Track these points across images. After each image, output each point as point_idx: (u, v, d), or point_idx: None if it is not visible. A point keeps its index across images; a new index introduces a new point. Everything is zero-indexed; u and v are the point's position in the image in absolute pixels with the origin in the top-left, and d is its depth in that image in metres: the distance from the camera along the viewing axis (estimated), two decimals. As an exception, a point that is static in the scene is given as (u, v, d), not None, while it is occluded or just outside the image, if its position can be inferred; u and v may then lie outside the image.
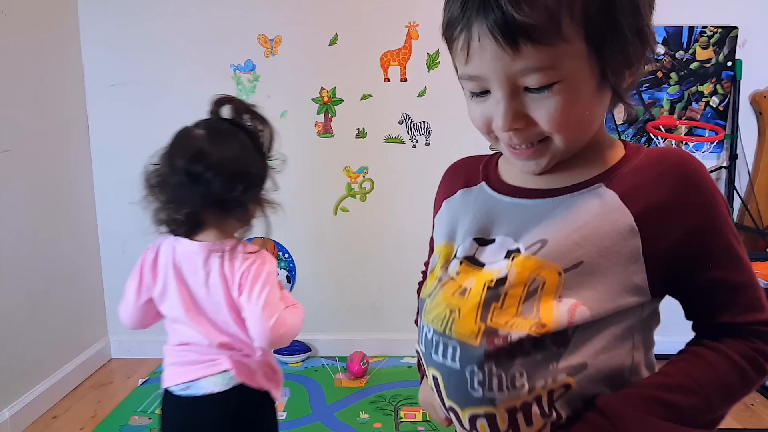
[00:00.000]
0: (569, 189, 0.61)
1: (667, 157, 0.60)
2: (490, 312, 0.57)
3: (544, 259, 0.57)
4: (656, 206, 0.57)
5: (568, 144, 0.59)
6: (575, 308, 0.56)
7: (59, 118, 2.29)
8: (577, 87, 0.56)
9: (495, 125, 0.59)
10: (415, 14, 2.36)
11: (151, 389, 2.24)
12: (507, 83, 0.56)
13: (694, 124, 2.37)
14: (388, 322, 2.59)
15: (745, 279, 0.58)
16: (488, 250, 0.62)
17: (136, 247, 2.66)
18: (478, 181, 0.70)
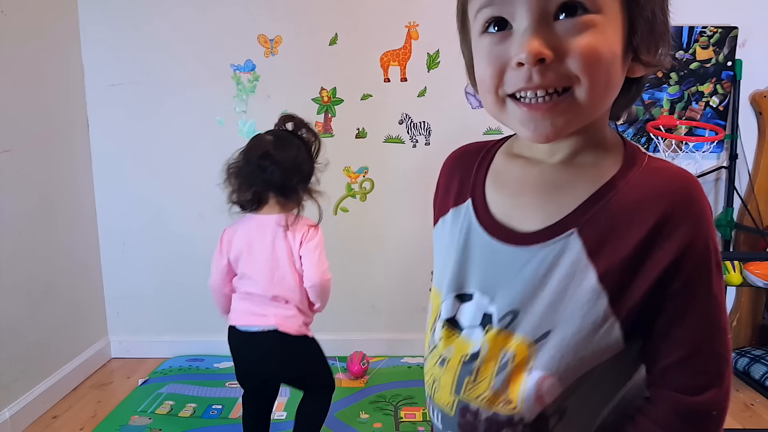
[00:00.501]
0: (543, 235, 0.56)
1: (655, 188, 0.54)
2: (464, 386, 0.58)
3: (515, 333, 0.56)
4: (622, 260, 0.53)
5: (590, 100, 0.52)
6: (542, 382, 0.54)
7: (59, 118, 2.29)
8: (609, 30, 0.51)
9: (517, 58, 0.50)
10: (415, 14, 2.36)
11: (151, 389, 2.24)
12: (538, 6, 0.50)
13: (694, 124, 2.37)
14: (388, 322, 2.59)
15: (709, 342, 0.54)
16: (466, 311, 0.61)
17: (136, 247, 2.69)
18: (466, 196, 0.64)
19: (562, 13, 0.50)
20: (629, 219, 0.53)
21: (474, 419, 0.57)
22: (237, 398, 2.18)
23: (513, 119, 0.55)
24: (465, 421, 0.57)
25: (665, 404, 0.54)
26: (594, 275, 0.53)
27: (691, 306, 0.52)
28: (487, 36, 0.54)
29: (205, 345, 2.59)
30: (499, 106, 0.56)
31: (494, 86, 0.54)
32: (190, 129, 2.46)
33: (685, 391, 0.53)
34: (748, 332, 2.52)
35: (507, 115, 0.56)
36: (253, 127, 2.45)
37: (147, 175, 2.50)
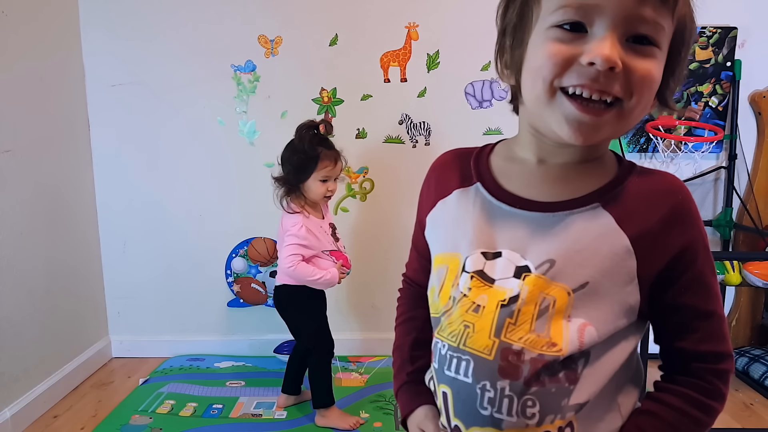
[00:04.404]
0: (567, 205, 0.61)
1: (659, 184, 0.62)
2: (504, 328, 0.59)
3: (553, 280, 0.59)
4: (648, 232, 0.59)
5: (633, 117, 0.57)
6: (584, 328, 0.58)
7: (60, 118, 2.30)
8: (660, 64, 0.57)
9: (592, 58, 0.53)
10: (415, 14, 2.37)
11: (151, 389, 2.25)
12: (624, 21, 0.54)
13: (694, 124, 2.37)
14: (388, 322, 2.58)
15: (710, 308, 0.61)
16: (497, 265, 0.62)
17: (137, 247, 2.70)
18: (473, 181, 0.68)
19: (633, 39, 0.55)
20: (647, 204, 0.60)
21: (517, 359, 0.58)
22: (237, 398, 2.18)
23: (557, 113, 0.57)
24: (507, 362, 0.58)
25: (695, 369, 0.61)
26: (626, 238, 0.59)
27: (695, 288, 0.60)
28: (558, 30, 0.56)
29: (205, 344, 2.60)
30: (549, 96, 0.57)
31: (553, 75, 0.56)
32: (190, 129, 2.47)
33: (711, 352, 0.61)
34: (747, 332, 2.52)
35: (553, 106, 0.57)
36: (254, 127, 2.46)
37: (148, 175, 2.50)
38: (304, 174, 1.89)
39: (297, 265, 1.89)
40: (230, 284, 2.52)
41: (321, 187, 1.90)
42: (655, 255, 0.59)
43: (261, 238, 2.50)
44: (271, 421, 2.02)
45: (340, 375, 2.36)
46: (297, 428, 1.97)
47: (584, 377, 0.58)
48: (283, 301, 2.01)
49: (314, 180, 1.89)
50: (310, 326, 1.98)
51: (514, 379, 0.57)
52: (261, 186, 2.46)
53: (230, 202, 2.51)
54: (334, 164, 1.90)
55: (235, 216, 2.52)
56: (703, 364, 0.61)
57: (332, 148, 1.93)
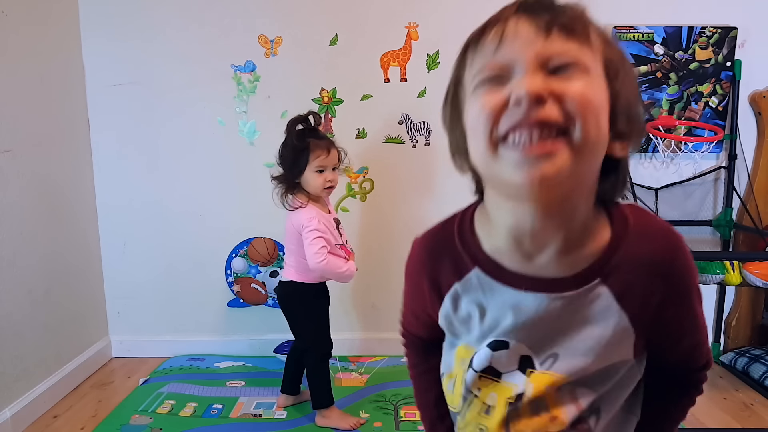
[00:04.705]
0: (570, 282, 0.60)
1: (657, 250, 0.61)
2: (511, 426, 0.64)
3: (557, 373, 0.62)
4: (647, 305, 0.61)
5: (590, 141, 0.53)
6: (583, 400, 0.63)
7: (60, 118, 2.30)
8: (596, 87, 0.55)
9: (516, 95, 0.52)
10: (415, 14, 2.37)
11: (151, 389, 2.25)
12: (535, 60, 0.53)
13: (694, 124, 2.37)
14: (388, 322, 2.60)
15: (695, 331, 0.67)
16: (502, 357, 0.63)
17: (137, 247, 2.69)
18: (468, 268, 0.65)
19: (558, 69, 0.54)
20: (646, 275, 0.60)
21: None
22: (237, 398, 2.18)
23: (506, 165, 0.54)
24: None
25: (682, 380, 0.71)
26: (627, 319, 0.61)
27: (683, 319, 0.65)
28: (482, 88, 0.56)
29: (205, 344, 2.60)
30: (492, 152, 0.55)
31: (489, 128, 0.54)
32: (190, 129, 2.47)
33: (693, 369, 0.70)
34: (747, 332, 2.53)
35: (499, 162, 0.55)
36: (254, 127, 2.46)
37: (148, 175, 2.51)
38: (299, 168, 1.88)
39: (328, 257, 1.87)
40: (230, 284, 2.52)
41: (318, 178, 1.87)
42: (652, 318, 0.62)
43: (261, 238, 2.50)
44: (271, 421, 2.01)
45: (340, 375, 2.36)
46: (297, 428, 1.97)
47: (598, 427, 0.64)
48: (289, 297, 2.00)
49: (310, 172, 1.87)
50: (312, 325, 1.98)
51: None
52: (261, 186, 2.46)
53: (230, 202, 2.51)
54: (326, 153, 1.87)
55: (235, 216, 2.52)
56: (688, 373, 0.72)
57: (323, 138, 1.91)
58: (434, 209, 2.50)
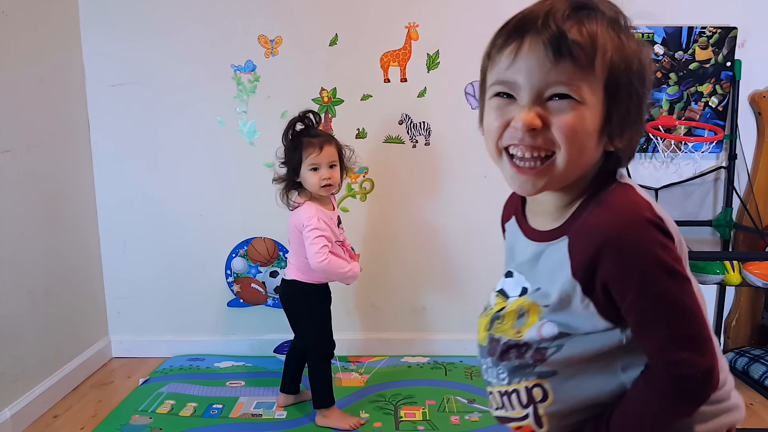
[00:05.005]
0: (550, 235, 0.76)
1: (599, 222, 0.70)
2: (493, 325, 0.83)
3: (533, 300, 0.78)
4: (582, 264, 0.71)
5: (566, 167, 0.69)
6: (543, 325, 0.76)
7: (60, 118, 2.30)
8: (588, 115, 0.67)
9: (515, 124, 0.68)
10: (415, 14, 2.37)
11: (151, 389, 2.25)
12: (537, 89, 0.67)
13: (693, 124, 2.37)
14: (388, 322, 2.60)
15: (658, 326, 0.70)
16: (510, 283, 0.84)
17: (137, 247, 2.69)
18: (512, 215, 0.88)
19: (555, 97, 0.67)
20: (585, 237, 0.71)
21: (496, 343, 0.81)
22: (237, 398, 2.18)
23: (505, 171, 0.74)
24: (491, 346, 0.82)
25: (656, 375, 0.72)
26: (569, 268, 0.72)
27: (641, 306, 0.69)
28: (497, 99, 0.72)
29: (205, 344, 2.60)
30: (497, 155, 0.74)
31: (496, 137, 0.72)
32: (190, 129, 2.47)
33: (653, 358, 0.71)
34: (747, 332, 2.53)
35: (501, 164, 0.74)
36: (254, 127, 2.46)
37: (148, 175, 2.51)
38: (294, 166, 1.88)
39: (330, 257, 1.86)
40: (230, 284, 2.52)
41: (314, 176, 1.86)
42: (594, 281, 0.70)
43: (261, 238, 2.50)
44: (271, 421, 2.02)
45: (340, 375, 2.36)
46: (297, 428, 1.97)
47: (553, 358, 0.75)
48: (291, 296, 2.00)
49: (306, 170, 1.87)
50: (313, 325, 1.98)
51: (492, 356, 0.82)
52: (261, 186, 2.46)
53: (230, 202, 2.51)
54: (319, 150, 1.85)
55: (235, 216, 2.52)
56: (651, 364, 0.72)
57: (317, 136, 1.89)
58: (434, 209, 2.50)
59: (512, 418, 0.80)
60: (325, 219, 1.89)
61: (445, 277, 2.55)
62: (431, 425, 1.98)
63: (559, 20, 0.65)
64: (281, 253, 2.50)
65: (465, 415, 2.04)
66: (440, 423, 1.99)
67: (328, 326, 2.01)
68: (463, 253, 2.52)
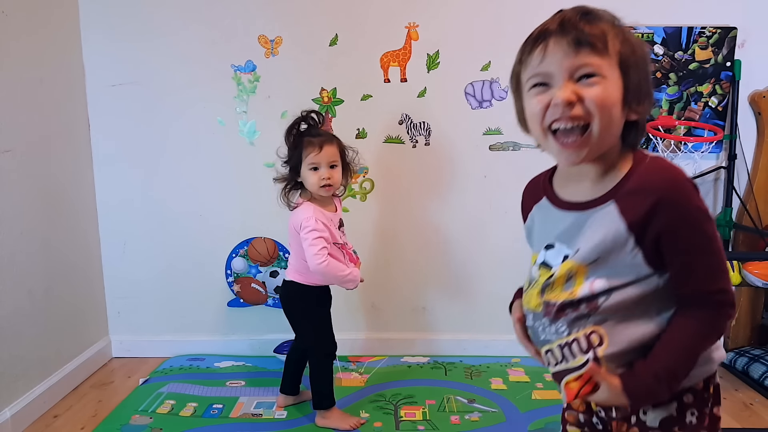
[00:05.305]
0: (593, 203, 0.89)
1: (653, 180, 0.85)
2: (545, 292, 0.93)
3: (575, 261, 0.90)
4: (639, 218, 0.84)
5: (601, 133, 0.84)
6: (594, 281, 0.88)
7: (60, 118, 2.30)
8: (610, 89, 0.83)
9: (555, 100, 0.83)
10: (415, 15, 2.37)
11: (151, 389, 2.25)
12: (568, 73, 0.83)
13: (693, 124, 2.37)
14: (388, 321, 2.60)
15: (704, 266, 0.86)
16: (551, 254, 0.94)
17: (137, 247, 2.69)
18: (541, 196, 1.00)
19: (583, 77, 0.83)
20: (638, 197, 0.85)
21: (552, 307, 0.91)
22: (237, 398, 2.18)
23: (552, 149, 0.89)
24: (546, 309, 0.92)
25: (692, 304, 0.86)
26: (625, 225, 0.85)
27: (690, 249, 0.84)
28: (535, 89, 0.88)
29: (205, 344, 2.60)
30: (543, 135, 0.88)
31: (540, 119, 0.87)
32: (190, 129, 2.47)
33: (701, 293, 0.86)
34: (747, 332, 2.53)
35: (548, 144, 0.89)
36: (254, 127, 2.46)
37: (148, 175, 2.51)
38: (293, 166, 1.88)
39: (329, 259, 1.84)
40: (230, 284, 2.52)
41: (313, 175, 1.84)
42: (649, 234, 0.84)
43: (261, 238, 2.50)
44: (271, 421, 2.02)
45: (340, 375, 2.36)
46: (297, 428, 1.97)
47: (604, 306, 0.87)
48: (291, 297, 1.99)
49: (305, 170, 1.85)
50: (312, 327, 1.98)
51: (549, 316, 0.92)
52: (261, 186, 2.46)
53: (230, 202, 2.51)
54: (318, 150, 1.83)
55: (236, 216, 2.52)
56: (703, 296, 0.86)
57: (317, 135, 1.87)
58: (434, 209, 2.50)
59: (572, 368, 0.90)
60: (324, 220, 1.87)
61: (446, 277, 2.55)
62: (431, 425, 1.98)
63: (574, 22, 0.84)
64: (281, 253, 2.50)
65: (465, 415, 2.04)
66: (440, 423, 1.99)
67: (328, 327, 2.00)
68: (463, 253, 2.52)
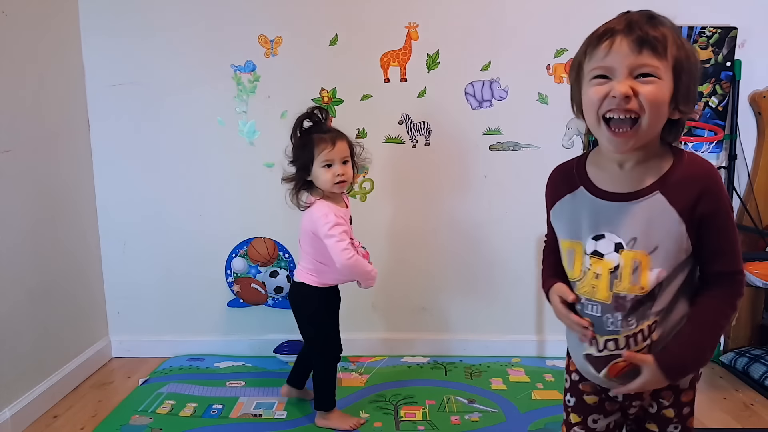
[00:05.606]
0: (639, 194, 0.99)
1: (696, 172, 0.98)
2: (614, 285, 1.01)
3: (637, 249, 0.99)
4: (688, 205, 0.96)
5: (648, 127, 0.94)
6: (659, 273, 0.98)
7: (60, 118, 2.30)
8: (663, 89, 0.93)
9: (614, 92, 0.92)
10: (415, 14, 2.37)
11: (151, 389, 2.25)
12: (628, 70, 0.93)
13: (694, 124, 2.37)
14: (388, 322, 2.60)
15: (730, 244, 0.99)
16: (602, 244, 1.02)
17: (137, 247, 2.69)
18: (577, 185, 1.07)
19: (641, 76, 0.93)
20: (685, 187, 0.96)
21: (623, 301, 1.00)
22: (237, 398, 2.18)
23: (603, 136, 0.98)
24: (618, 303, 1.01)
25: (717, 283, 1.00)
26: (676, 213, 0.96)
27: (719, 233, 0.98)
28: (596, 80, 0.96)
29: (205, 344, 2.60)
30: (597, 123, 0.97)
31: (597, 107, 0.96)
32: (190, 129, 2.47)
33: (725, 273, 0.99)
34: (747, 332, 2.52)
35: (600, 131, 0.97)
36: (254, 127, 2.46)
37: (147, 175, 2.50)
38: (306, 164, 1.82)
39: (356, 254, 1.80)
40: (230, 284, 2.52)
41: (327, 173, 1.80)
42: (694, 219, 0.96)
43: (261, 238, 2.50)
44: (271, 421, 2.02)
45: (340, 375, 2.36)
46: (297, 428, 1.97)
47: (660, 297, 0.99)
48: (300, 299, 1.96)
49: (318, 167, 1.80)
50: (322, 330, 1.96)
51: (622, 311, 1.01)
52: (261, 186, 2.47)
53: (230, 202, 2.51)
54: (331, 146, 1.79)
55: (235, 216, 2.52)
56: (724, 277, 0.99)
57: (327, 132, 1.84)
58: (434, 209, 2.50)
59: (617, 355, 1.02)
60: (341, 215, 1.84)
61: (445, 277, 2.55)
62: (431, 425, 1.98)
63: (641, 24, 0.93)
64: (281, 254, 2.50)
65: (465, 415, 2.04)
66: (440, 423, 1.99)
67: (334, 330, 1.99)
68: (463, 253, 2.52)
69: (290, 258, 2.52)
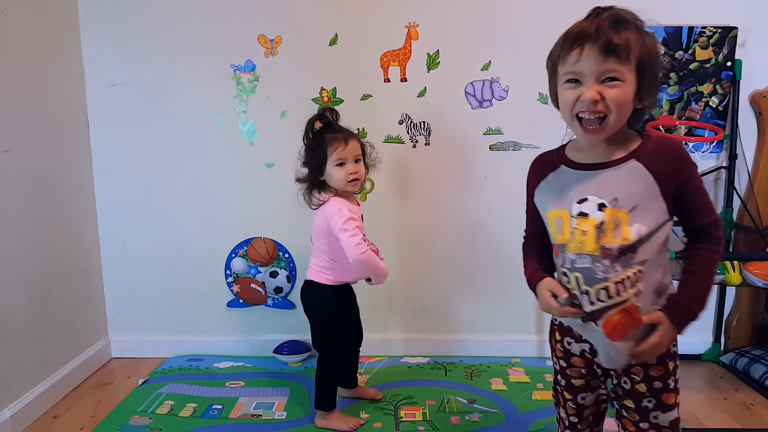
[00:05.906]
0: (616, 162, 1.12)
1: (667, 147, 1.13)
2: (600, 238, 1.10)
3: (618, 208, 1.09)
4: (662, 171, 1.09)
5: (615, 123, 1.08)
6: (641, 227, 1.08)
7: (60, 118, 2.30)
8: (627, 89, 1.06)
9: (583, 97, 1.06)
10: (415, 14, 2.36)
11: (151, 389, 2.25)
12: (596, 75, 1.06)
13: (694, 124, 2.37)
14: (388, 322, 2.60)
15: (705, 201, 1.14)
16: (586, 205, 1.12)
17: (137, 247, 2.69)
18: (558, 165, 1.20)
19: (607, 79, 1.06)
20: (659, 157, 1.10)
21: (610, 250, 1.09)
22: (237, 398, 2.18)
23: (577, 131, 1.12)
24: (605, 252, 1.09)
25: (703, 234, 1.14)
26: (652, 177, 1.09)
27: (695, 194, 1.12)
28: (569, 84, 1.10)
29: (205, 345, 2.60)
30: (571, 120, 1.11)
31: (570, 108, 1.10)
32: (190, 129, 2.46)
33: (706, 225, 1.14)
34: (747, 332, 2.52)
35: (574, 126, 1.12)
36: (253, 127, 2.46)
37: (147, 175, 2.50)
38: (319, 164, 1.84)
39: (369, 250, 1.80)
40: (230, 284, 2.52)
41: (340, 171, 1.82)
42: (668, 184, 1.09)
43: (261, 238, 2.50)
44: (271, 422, 2.01)
45: (340, 375, 2.36)
46: (297, 428, 1.97)
47: (641, 249, 1.09)
48: (310, 298, 1.95)
49: (331, 167, 1.82)
50: (330, 328, 1.95)
51: (610, 258, 1.09)
52: (261, 186, 2.47)
53: (230, 202, 2.51)
54: (344, 144, 1.82)
55: (235, 216, 2.52)
56: (706, 228, 1.14)
57: (339, 131, 1.86)
58: (434, 209, 2.50)
59: (617, 303, 1.09)
60: (356, 212, 1.85)
61: (446, 277, 2.55)
62: (431, 425, 1.97)
63: (606, 31, 1.03)
64: (281, 254, 2.50)
65: (465, 415, 2.03)
66: (440, 423, 1.99)
67: (342, 331, 1.97)
68: (463, 253, 2.52)
69: (290, 258, 2.52)
